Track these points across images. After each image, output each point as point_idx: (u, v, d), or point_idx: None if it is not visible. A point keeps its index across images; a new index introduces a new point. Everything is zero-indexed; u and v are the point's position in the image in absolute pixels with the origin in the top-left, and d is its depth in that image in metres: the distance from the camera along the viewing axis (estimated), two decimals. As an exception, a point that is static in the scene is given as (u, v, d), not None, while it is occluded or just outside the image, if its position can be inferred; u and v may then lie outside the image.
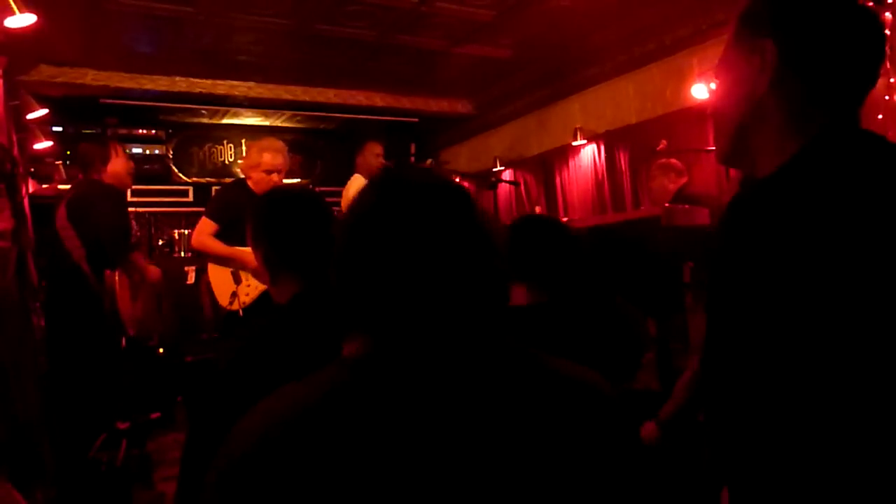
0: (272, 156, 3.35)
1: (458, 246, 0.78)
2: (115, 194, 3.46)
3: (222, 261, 3.27)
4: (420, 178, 0.83)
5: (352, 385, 0.74)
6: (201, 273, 5.46)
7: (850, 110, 0.97)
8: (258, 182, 3.34)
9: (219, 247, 3.26)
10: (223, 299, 3.23)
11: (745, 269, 0.91)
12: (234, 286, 3.18)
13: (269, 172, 3.33)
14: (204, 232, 3.29)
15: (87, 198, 3.37)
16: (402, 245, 0.76)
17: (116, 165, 3.51)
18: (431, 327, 0.76)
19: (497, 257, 0.81)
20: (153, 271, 3.67)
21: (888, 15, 3.13)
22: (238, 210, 3.25)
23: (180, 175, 6.90)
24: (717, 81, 1.09)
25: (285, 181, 3.49)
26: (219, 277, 3.28)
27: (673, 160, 4.20)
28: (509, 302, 0.83)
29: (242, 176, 3.52)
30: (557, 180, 6.35)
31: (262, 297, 3.12)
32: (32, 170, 4.73)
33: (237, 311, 3.14)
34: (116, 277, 3.34)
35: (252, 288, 3.19)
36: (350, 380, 0.75)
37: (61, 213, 3.33)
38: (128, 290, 3.43)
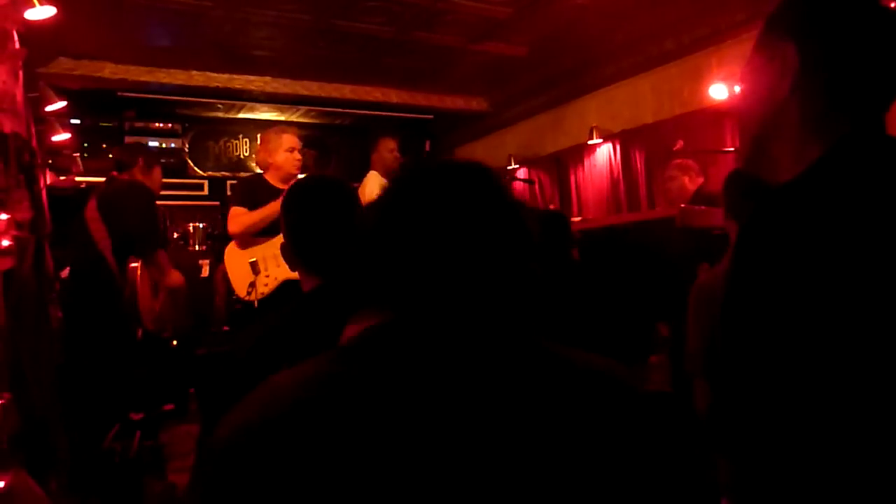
0: (289, 135, 3.47)
1: (484, 225, 0.76)
2: (147, 192, 3.54)
3: (264, 222, 3.22)
4: (448, 161, 0.84)
5: (358, 364, 0.72)
6: (216, 266, 5.50)
7: (873, 117, 0.95)
8: (283, 164, 3.39)
9: (255, 213, 3.25)
10: (241, 290, 3.21)
11: (762, 278, 0.89)
12: (253, 276, 3.15)
13: (291, 150, 3.42)
14: (238, 215, 3.30)
15: (121, 192, 3.46)
16: (425, 224, 0.76)
17: (150, 179, 3.67)
18: (449, 307, 0.74)
19: (525, 240, 0.79)
20: (175, 276, 3.65)
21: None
22: (260, 199, 3.28)
23: (196, 169, 6.93)
24: (742, 85, 1.08)
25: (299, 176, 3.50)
26: (237, 268, 3.26)
27: (689, 160, 4.18)
28: (534, 292, 0.81)
29: (259, 171, 3.53)
30: (572, 179, 6.33)
31: (281, 288, 3.12)
32: (50, 161, 4.77)
33: (251, 303, 3.13)
34: (139, 272, 3.39)
35: (271, 279, 3.16)
36: (358, 359, 0.73)
37: (92, 204, 3.41)
38: (149, 285, 3.46)
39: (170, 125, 6.61)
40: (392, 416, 0.67)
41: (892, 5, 1.19)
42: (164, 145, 6.54)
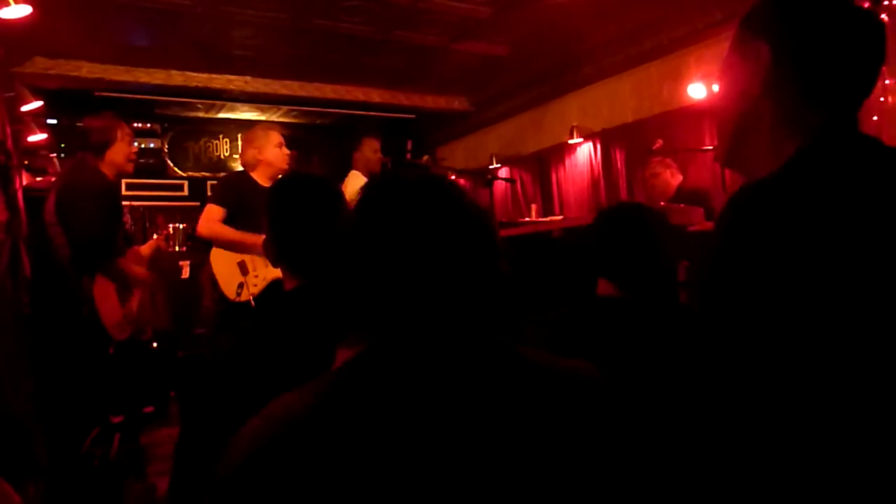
0: (275, 132, 3.47)
1: (452, 243, 0.78)
2: (105, 190, 3.20)
3: (232, 246, 3.19)
4: (414, 176, 0.83)
5: (347, 388, 0.75)
6: (196, 268, 5.46)
7: (846, 113, 0.97)
8: (274, 160, 3.38)
9: (228, 232, 3.18)
10: (230, 291, 3.16)
11: (740, 273, 0.90)
12: (242, 277, 3.09)
13: (280, 146, 3.42)
14: (212, 218, 3.21)
15: (76, 193, 3.09)
16: (395, 243, 0.77)
17: (117, 152, 3.24)
18: (425, 325, 0.77)
19: (492, 254, 0.81)
20: (140, 274, 3.40)
21: (884, 17, 3.14)
22: (243, 198, 3.24)
23: (175, 169, 6.88)
24: (718, 83, 1.10)
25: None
26: (224, 269, 3.21)
27: (667, 158, 4.21)
28: (504, 298, 0.83)
29: (240, 169, 3.50)
30: (553, 178, 6.35)
31: (270, 287, 3.09)
32: (26, 162, 4.71)
33: (242, 303, 3.09)
34: (95, 284, 3.06)
35: (260, 278, 3.14)
36: (346, 384, 0.76)
37: (50, 205, 3.11)
38: (114, 294, 3.17)
39: (149, 125, 6.56)
40: (383, 433, 0.71)
41: (866, 5, 1.21)
42: (143, 145, 6.48)
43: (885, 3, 3.06)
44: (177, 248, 5.97)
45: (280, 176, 3.41)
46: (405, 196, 0.81)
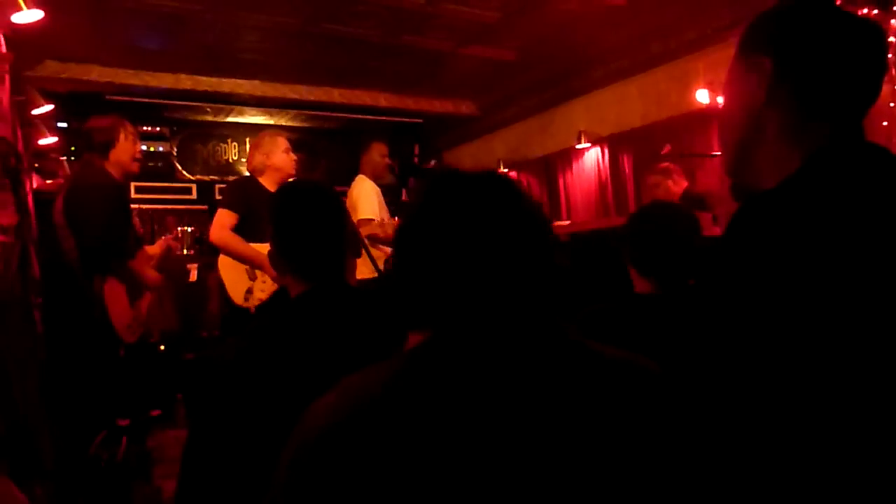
0: (282, 137, 3.48)
1: (512, 234, 0.80)
2: (112, 191, 3.17)
3: (241, 259, 3.19)
4: (473, 171, 0.87)
5: (423, 368, 0.77)
6: (203, 271, 5.48)
7: (850, 123, 0.97)
8: (283, 165, 3.39)
9: (239, 244, 3.17)
10: (237, 297, 3.17)
11: (744, 285, 0.90)
12: (250, 282, 3.11)
13: (287, 152, 3.43)
14: (225, 226, 3.19)
15: (84, 194, 3.08)
16: (453, 236, 0.79)
17: (121, 152, 3.20)
18: (486, 317, 0.79)
19: (548, 245, 0.83)
20: (152, 277, 3.39)
21: (894, 22, 3.13)
22: (253, 203, 3.24)
23: (184, 172, 6.91)
24: (723, 95, 1.10)
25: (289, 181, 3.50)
26: (232, 274, 3.21)
27: (669, 164, 4.20)
28: (561, 288, 0.85)
29: (248, 174, 3.52)
30: (560, 183, 6.35)
31: (278, 293, 3.08)
32: (37, 165, 4.74)
33: (248, 308, 3.10)
34: (105, 285, 3.05)
35: (268, 284, 3.14)
36: (421, 363, 0.78)
37: (58, 207, 3.11)
38: (124, 295, 3.15)
39: (158, 129, 6.59)
40: (456, 413, 0.74)
41: (874, 13, 1.21)
42: (151, 149, 6.52)
43: (895, 8, 3.05)
44: (184, 252, 6.00)
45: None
46: (466, 189, 0.83)
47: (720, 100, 1.69)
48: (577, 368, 0.79)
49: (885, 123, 3.18)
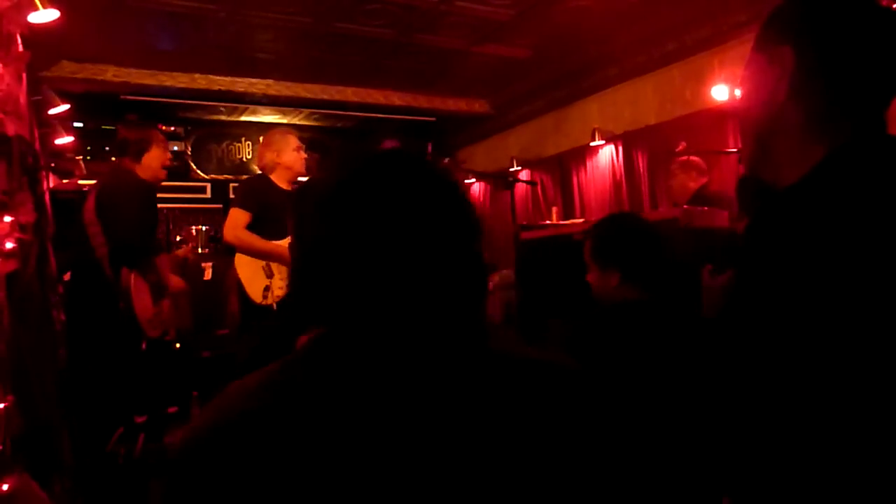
0: (292, 135, 3.50)
1: (417, 216, 0.72)
2: (144, 190, 3.34)
3: (258, 255, 3.20)
4: (388, 152, 0.79)
5: (302, 377, 0.71)
6: (218, 269, 5.51)
7: (874, 116, 0.94)
8: (293, 164, 3.40)
9: (256, 241, 3.19)
10: (255, 295, 3.17)
11: (767, 281, 0.89)
12: (267, 280, 3.12)
13: (298, 150, 3.44)
14: (238, 225, 3.22)
15: (116, 193, 3.26)
16: (351, 217, 0.71)
17: (153, 157, 3.41)
18: (382, 311, 0.71)
19: (466, 231, 0.75)
20: (175, 281, 3.55)
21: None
22: (266, 201, 3.27)
23: (198, 172, 6.95)
24: (742, 88, 1.08)
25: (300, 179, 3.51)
26: (249, 272, 3.22)
27: (695, 158, 4.16)
28: (480, 280, 0.77)
29: (260, 173, 3.53)
30: (574, 181, 6.32)
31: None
32: (53, 165, 4.78)
33: (265, 306, 3.11)
34: (132, 279, 3.20)
35: (285, 282, 3.15)
36: (298, 367, 0.72)
37: (89, 205, 3.25)
38: (147, 292, 3.29)
39: (172, 128, 6.63)
40: (337, 420, 0.67)
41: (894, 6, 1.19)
42: (166, 148, 6.55)
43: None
44: (199, 251, 6.03)
45: (299, 179, 3.45)
46: (370, 167, 0.76)
47: (738, 92, 1.68)
48: (480, 368, 0.72)
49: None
